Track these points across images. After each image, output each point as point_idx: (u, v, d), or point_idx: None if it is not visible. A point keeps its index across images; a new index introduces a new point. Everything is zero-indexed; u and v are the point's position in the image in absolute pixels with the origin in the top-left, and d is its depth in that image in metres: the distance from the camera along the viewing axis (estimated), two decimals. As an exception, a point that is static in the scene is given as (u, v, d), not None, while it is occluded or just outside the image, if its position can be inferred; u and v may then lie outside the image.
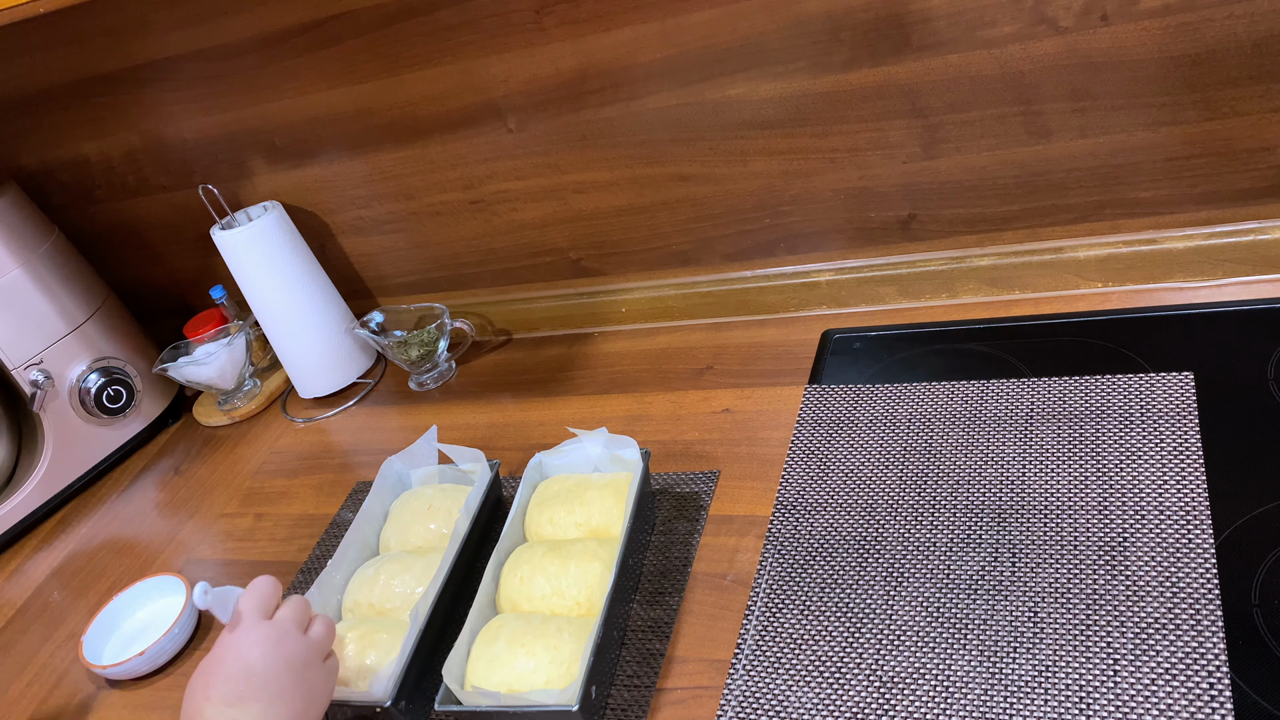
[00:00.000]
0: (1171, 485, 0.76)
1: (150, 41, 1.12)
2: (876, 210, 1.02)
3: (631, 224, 1.12)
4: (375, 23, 1.04)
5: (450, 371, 1.22)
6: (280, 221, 1.17)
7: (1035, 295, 1.01)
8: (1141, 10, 0.83)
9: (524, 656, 0.74)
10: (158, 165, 1.25)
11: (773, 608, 0.77)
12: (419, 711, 0.78)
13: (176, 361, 1.23)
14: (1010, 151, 0.94)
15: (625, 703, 0.74)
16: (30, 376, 1.16)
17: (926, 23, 0.89)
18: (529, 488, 0.90)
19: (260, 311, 1.20)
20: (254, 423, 1.27)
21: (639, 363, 1.12)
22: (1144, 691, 0.63)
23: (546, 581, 0.80)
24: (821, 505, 0.84)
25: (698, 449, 0.96)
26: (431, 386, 1.20)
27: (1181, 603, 0.67)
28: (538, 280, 1.22)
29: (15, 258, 1.17)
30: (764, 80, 0.96)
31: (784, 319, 1.11)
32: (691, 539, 0.86)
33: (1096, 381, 0.87)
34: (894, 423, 0.90)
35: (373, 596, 0.85)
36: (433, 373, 1.21)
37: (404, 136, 1.12)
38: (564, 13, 0.98)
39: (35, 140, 1.27)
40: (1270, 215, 0.91)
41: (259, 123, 1.16)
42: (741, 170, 1.03)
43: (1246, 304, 0.91)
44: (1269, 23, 0.81)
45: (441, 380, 1.21)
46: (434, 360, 1.19)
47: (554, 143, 1.08)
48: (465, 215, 1.17)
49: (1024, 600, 0.71)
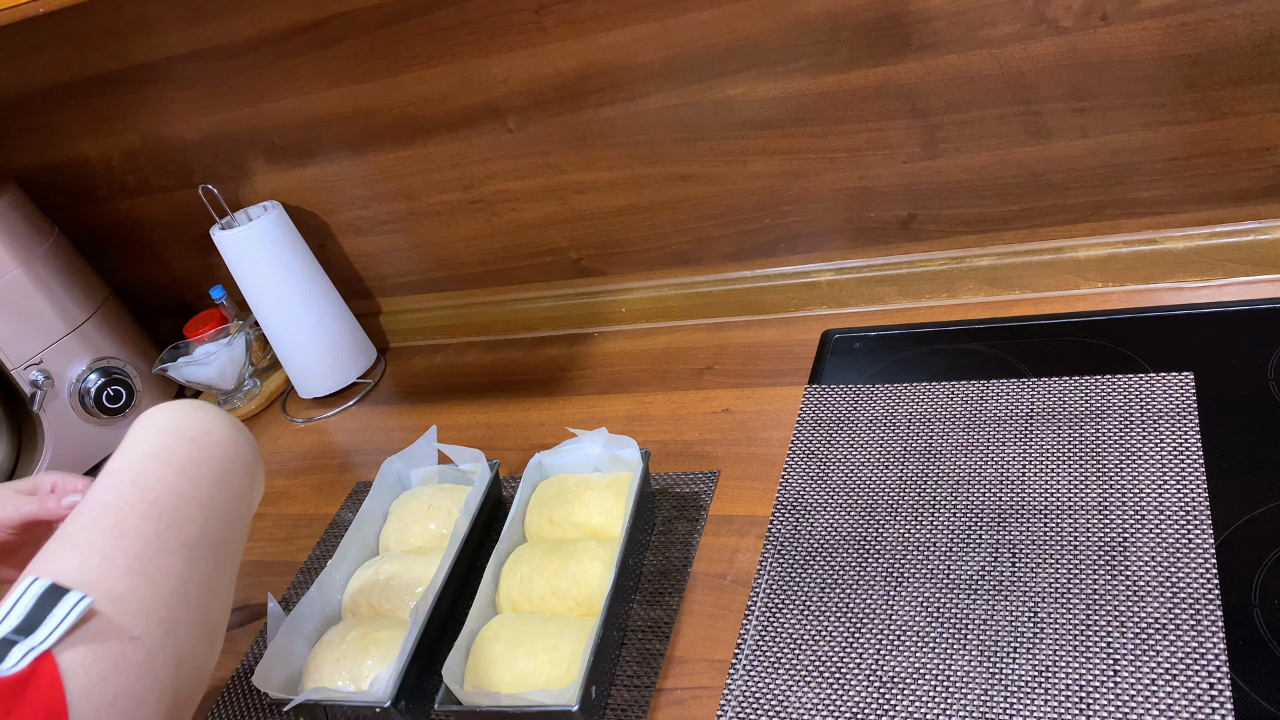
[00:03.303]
0: (1171, 485, 0.76)
1: (150, 41, 1.12)
2: (876, 210, 1.02)
3: (631, 224, 1.12)
4: (375, 23, 1.04)
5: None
6: (280, 221, 1.17)
7: (1035, 295, 1.01)
8: (1141, 10, 0.83)
9: (524, 656, 0.74)
10: (158, 165, 1.25)
11: (773, 608, 0.77)
12: (419, 711, 0.78)
13: (176, 361, 1.23)
14: (1010, 151, 0.94)
15: (625, 703, 0.74)
16: (30, 376, 1.16)
17: (926, 23, 0.89)
18: (529, 488, 0.90)
19: (260, 311, 1.20)
20: (254, 423, 1.27)
21: (639, 363, 1.12)
22: (1144, 691, 0.63)
23: (546, 581, 0.80)
24: (821, 505, 0.84)
25: (698, 449, 0.96)
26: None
27: (1181, 603, 0.67)
28: (538, 280, 1.22)
29: (15, 258, 1.17)
30: (764, 80, 0.96)
31: (784, 319, 1.11)
32: (691, 539, 0.86)
33: (1096, 381, 0.87)
34: (894, 423, 0.90)
35: (373, 596, 0.85)
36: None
37: (404, 136, 1.12)
38: (564, 13, 0.98)
39: (35, 140, 1.27)
40: (1270, 215, 0.91)
41: (259, 123, 1.16)
42: (741, 170, 1.03)
43: (1246, 304, 0.91)
44: (1269, 23, 0.81)
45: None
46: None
47: (554, 143, 1.08)
48: (465, 215, 1.17)
49: (1024, 600, 0.71)
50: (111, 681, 0.42)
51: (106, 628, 0.43)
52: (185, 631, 0.46)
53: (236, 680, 0.88)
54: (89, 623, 0.43)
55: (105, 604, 0.44)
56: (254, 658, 0.90)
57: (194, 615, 0.47)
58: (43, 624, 0.42)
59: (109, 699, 0.42)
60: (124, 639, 0.43)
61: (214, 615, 0.49)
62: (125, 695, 0.42)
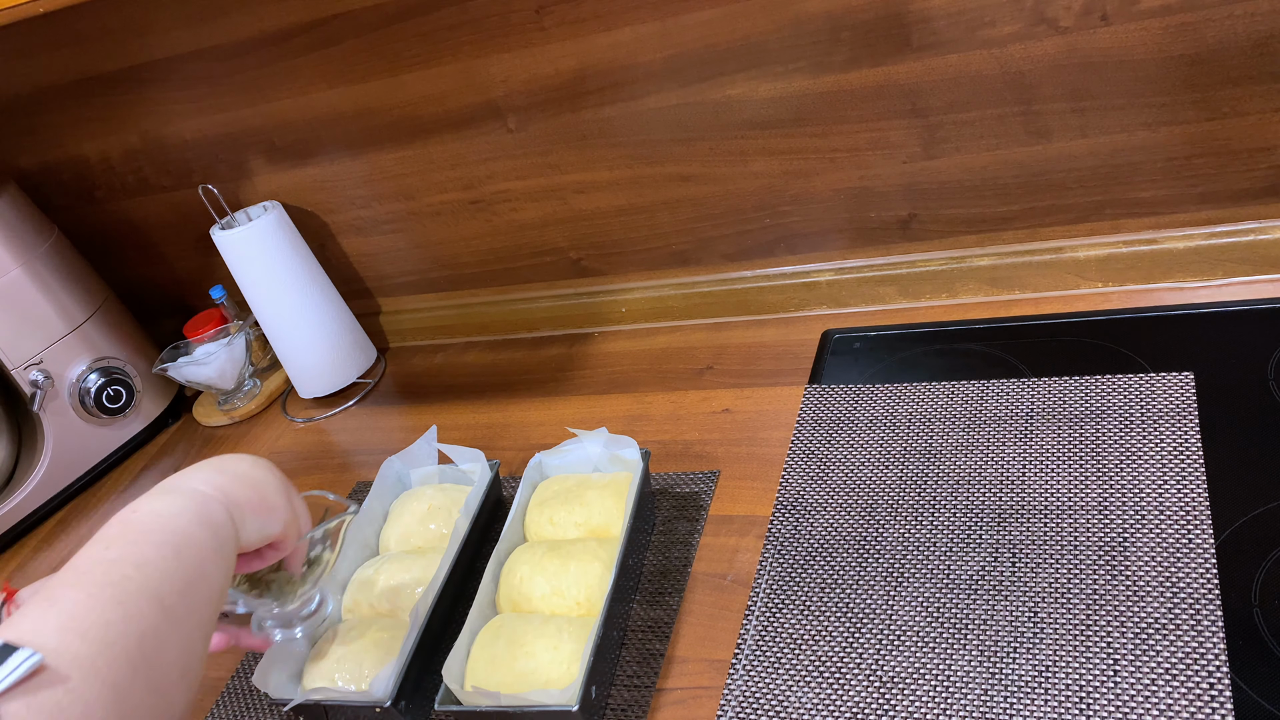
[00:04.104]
0: (1171, 485, 0.76)
1: (150, 41, 1.12)
2: (876, 210, 1.02)
3: (631, 224, 1.12)
4: (375, 23, 1.04)
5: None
6: (280, 221, 1.17)
7: (1035, 295, 1.01)
8: (1141, 10, 0.83)
9: (524, 657, 0.74)
10: (158, 165, 1.25)
11: (773, 608, 0.77)
12: (419, 711, 0.78)
13: (176, 361, 1.23)
14: (1010, 151, 0.94)
15: (625, 703, 0.74)
16: (30, 376, 1.16)
17: (926, 23, 0.89)
18: (529, 488, 0.90)
19: (260, 311, 1.19)
20: (254, 423, 1.27)
21: (639, 363, 1.12)
22: (1144, 691, 0.63)
23: (546, 581, 0.80)
24: (821, 505, 0.84)
25: (698, 449, 0.96)
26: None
27: (1181, 603, 0.67)
28: (538, 280, 1.22)
29: (15, 258, 1.17)
30: (764, 80, 0.96)
31: (784, 319, 1.11)
32: (691, 539, 0.86)
33: (1096, 381, 0.87)
34: (894, 423, 0.90)
35: (373, 596, 0.85)
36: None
37: (404, 136, 1.12)
38: (564, 13, 0.98)
39: (35, 140, 1.27)
40: (1270, 215, 0.91)
41: (259, 123, 1.16)
42: (741, 170, 1.03)
43: (1246, 304, 0.91)
44: (1269, 23, 0.81)
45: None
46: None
47: (554, 143, 1.08)
48: (465, 215, 1.17)
49: (1024, 600, 0.71)
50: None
51: (42, 681, 0.44)
52: (127, 687, 0.47)
53: (236, 680, 0.88)
54: (27, 683, 0.44)
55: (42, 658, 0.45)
56: (254, 657, 0.90)
57: (136, 667, 0.48)
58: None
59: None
60: (58, 690, 0.44)
61: (162, 670, 0.51)
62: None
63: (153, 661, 0.50)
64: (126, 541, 0.55)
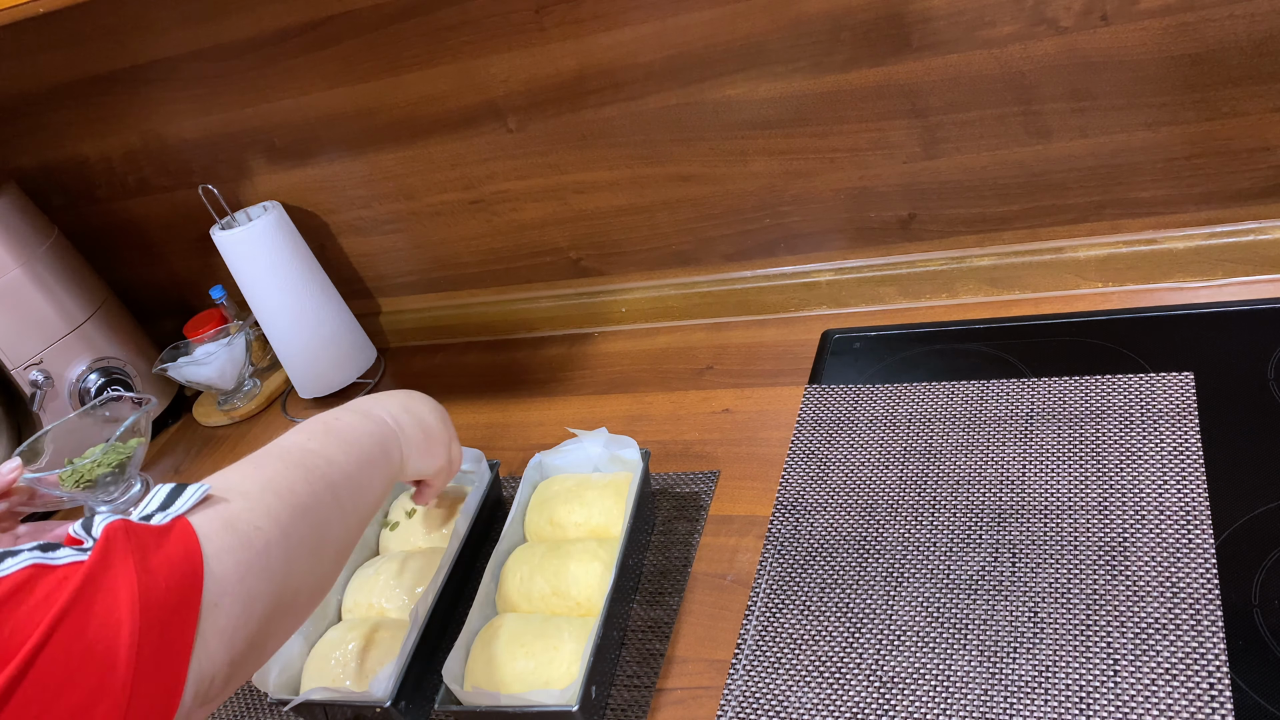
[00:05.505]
0: (1171, 485, 0.76)
1: (150, 41, 1.12)
2: (876, 210, 1.02)
3: (631, 224, 1.12)
4: (375, 23, 1.04)
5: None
6: (280, 221, 1.17)
7: (1035, 295, 1.01)
8: (1141, 10, 0.83)
9: (524, 657, 0.74)
10: (158, 165, 1.25)
11: (773, 608, 0.77)
12: (419, 711, 0.78)
13: (176, 361, 1.23)
14: (1010, 151, 0.94)
15: (625, 703, 0.74)
16: (30, 376, 1.16)
17: (926, 23, 0.89)
18: (529, 488, 0.90)
19: (260, 311, 1.19)
20: (254, 423, 1.27)
21: (639, 363, 1.12)
22: (1144, 691, 0.63)
23: (546, 581, 0.80)
24: (821, 505, 0.84)
25: (698, 449, 0.96)
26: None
27: (1181, 603, 0.67)
28: (538, 280, 1.22)
29: (15, 258, 1.17)
30: (764, 80, 0.96)
31: (784, 319, 1.11)
32: (691, 539, 0.86)
33: (1096, 381, 0.87)
34: (894, 423, 0.90)
35: (373, 596, 0.85)
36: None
37: (404, 136, 1.12)
38: (564, 13, 0.98)
39: (35, 140, 1.27)
40: (1270, 215, 0.91)
41: (259, 123, 1.16)
42: (741, 170, 1.03)
43: (1246, 304, 0.91)
44: (1269, 23, 0.81)
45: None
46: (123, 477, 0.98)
47: (554, 143, 1.08)
48: (465, 215, 1.17)
49: (1024, 600, 0.71)
50: (238, 553, 0.52)
51: (238, 513, 0.54)
52: (297, 543, 0.57)
53: (236, 680, 0.88)
54: (222, 506, 0.53)
55: (238, 500, 0.55)
56: (254, 658, 0.90)
57: (306, 532, 0.58)
58: (175, 503, 0.52)
59: (234, 565, 0.51)
60: (249, 526, 0.53)
61: (324, 543, 0.60)
62: (246, 566, 0.52)
63: (319, 533, 0.60)
64: (326, 440, 0.67)
